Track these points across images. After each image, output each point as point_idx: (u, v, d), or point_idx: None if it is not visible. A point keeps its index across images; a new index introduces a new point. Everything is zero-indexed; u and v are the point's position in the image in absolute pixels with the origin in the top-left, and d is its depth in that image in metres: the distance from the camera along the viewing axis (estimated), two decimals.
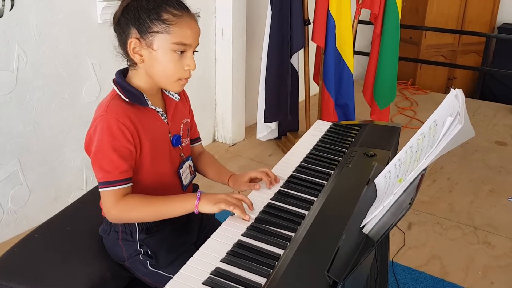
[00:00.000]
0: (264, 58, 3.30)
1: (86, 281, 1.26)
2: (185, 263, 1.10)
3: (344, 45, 3.20)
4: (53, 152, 2.54)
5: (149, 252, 1.33)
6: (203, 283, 0.97)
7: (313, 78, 3.54)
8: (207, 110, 3.59)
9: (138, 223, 1.32)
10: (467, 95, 4.96)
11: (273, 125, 3.56)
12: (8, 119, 2.29)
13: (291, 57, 3.26)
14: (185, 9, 1.25)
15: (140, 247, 1.33)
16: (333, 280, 0.94)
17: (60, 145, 2.56)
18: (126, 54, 1.28)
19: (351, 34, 3.20)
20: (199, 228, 1.47)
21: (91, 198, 1.66)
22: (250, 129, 3.83)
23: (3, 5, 2.14)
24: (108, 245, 1.39)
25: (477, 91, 5.10)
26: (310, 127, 3.43)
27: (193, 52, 1.27)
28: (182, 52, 1.24)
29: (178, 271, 1.25)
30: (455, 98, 1.14)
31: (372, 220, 1.09)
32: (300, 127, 3.63)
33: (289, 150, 3.38)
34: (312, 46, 3.36)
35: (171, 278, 1.27)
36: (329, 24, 3.14)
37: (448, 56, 5.39)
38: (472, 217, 2.78)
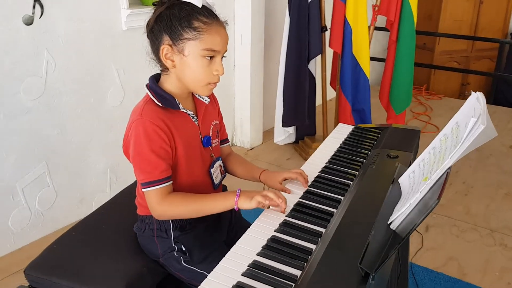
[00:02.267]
0: (282, 64, 3.36)
1: (124, 276, 1.32)
2: (218, 260, 1.17)
3: (361, 51, 3.25)
4: (78, 155, 2.62)
5: (183, 249, 1.39)
6: (242, 275, 1.03)
7: (330, 84, 3.59)
8: (226, 114, 3.62)
9: (172, 221, 1.39)
10: None
11: (291, 130, 3.62)
12: (37, 123, 2.38)
13: (308, 63, 3.32)
14: (214, 17, 1.31)
15: (174, 244, 1.39)
16: (365, 272, 1.00)
17: (85, 149, 2.64)
18: (158, 59, 1.34)
19: (367, 40, 3.26)
20: (228, 226, 1.53)
21: (122, 199, 1.73)
22: (268, 134, 3.89)
23: (33, 13, 2.23)
24: (143, 242, 1.45)
25: (491, 96, 5.13)
26: (327, 131, 3.52)
27: (222, 57, 1.34)
28: (211, 57, 1.30)
29: (211, 267, 1.32)
30: (477, 100, 1.19)
31: (399, 216, 1.14)
32: (317, 131, 3.68)
33: (306, 154, 3.48)
34: (329, 52, 3.42)
35: (204, 274, 1.35)
36: (346, 31, 3.20)
37: (462, 62, 5.43)
38: (488, 220, 2.82)
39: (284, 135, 3.63)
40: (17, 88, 2.25)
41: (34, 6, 2.22)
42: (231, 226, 1.55)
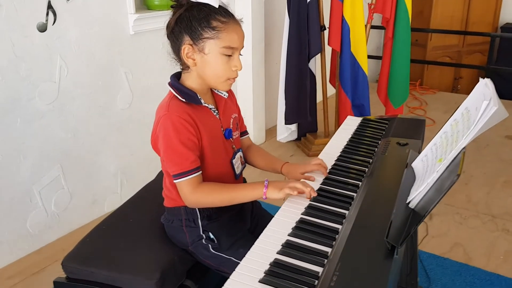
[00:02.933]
0: (283, 63, 3.45)
1: (157, 264, 1.39)
2: (244, 246, 1.24)
3: (358, 48, 3.36)
4: (91, 157, 2.69)
5: (211, 237, 1.46)
6: (277, 253, 1.11)
7: (329, 81, 3.69)
8: None
9: (200, 211, 1.46)
10: None
11: (293, 127, 3.71)
12: (51, 127, 2.44)
13: (309, 62, 3.41)
14: (231, 16, 1.38)
15: (202, 233, 1.47)
16: (391, 245, 1.08)
17: (97, 151, 2.71)
18: (179, 59, 1.42)
19: (364, 38, 3.36)
20: (250, 215, 1.62)
21: (145, 194, 1.81)
22: (270, 132, 3.98)
23: (47, 20, 2.31)
24: (171, 232, 1.53)
25: None
26: (328, 128, 3.61)
27: (239, 54, 1.42)
28: (230, 55, 1.38)
29: (238, 253, 1.41)
30: (485, 86, 1.28)
31: (417, 196, 1.23)
32: (319, 128, 3.77)
33: (309, 150, 3.56)
34: (328, 51, 3.51)
35: (232, 260, 1.44)
36: (344, 29, 3.30)
37: (454, 56, 5.55)
38: (489, 207, 2.92)
39: (286, 132, 3.72)
40: (32, 93, 2.32)
41: (47, 14, 2.30)
42: (253, 215, 1.63)
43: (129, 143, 2.89)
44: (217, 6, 1.34)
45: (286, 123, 3.60)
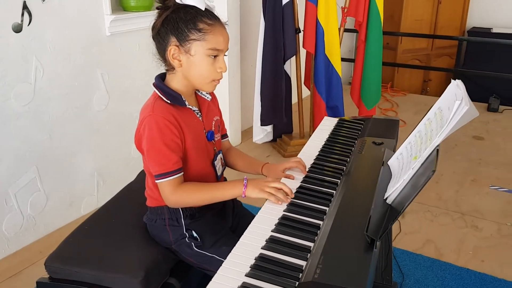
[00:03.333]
0: (258, 65, 3.49)
1: (142, 263, 1.41)
2: (226, 244, 1.26)
3: (332, 51, 3.43)
4: (67, 159, 2.68)
5: (194, 235, 1.49)
6: (262, 248, 1.15)
7: (304, 83, 3.75)
8: None
9: (182, 210, 1.49)
10: (441, 95, 5.25)
11: (269, 128, 3.76)
12: (27, 128, 2.43)
13: (284, 64, 3.46)
14: (217, 18, 1.42)
15: (186, 231, 1.49)
16: (371, 239, 1.13)
17: (73, 153, 2.70)
18: (164, 60, 1.44)
19: (338, 40, 3.43)
20: (232, 214, 1.65)
21: (127, 195, 1.82)
22: (246, 133, 4.02)
23: (22, 21, 2.29)
24: (154, 231, 1.55)
25: None
26: (303, 129, 3.67)
27: (224, 55, 1.45)
28: (215, 56, 1.41)
29: (220, 251, 1.44)
30: (457, 87, 1.35)
31: (394, 192, 1.29)
32: (294, 129, 3.83)
33: (285, 151, 3.61)
34: (302, 53, 3.57)
35: (214, 257, 1.47)
36: (318, 32, 3.36)
37: (423, 59, 5.70)
38: (458, 204, 3.02)
39: (262, 133, 3.77)
40: (8, 94, 2.30)
41: (22, 14, 2.28)
42: (234, 213, 1.66)
43: (105, 145, 2.89)
44: (203, 9, 1.37)
45: (262, 125, 3.64)
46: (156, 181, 1.41)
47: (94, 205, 2.86)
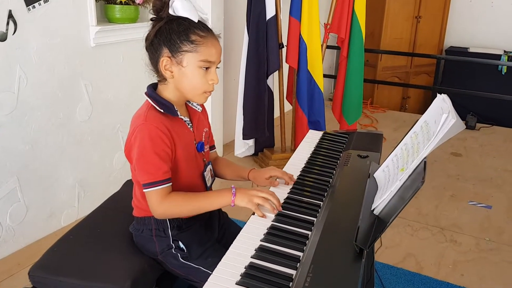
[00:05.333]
0: (241, 80, 3.52)
1: (128, 273, 1.40)
2: (213, 256, 1.25)
3: (315, 66, 3.47)
4: (48, 170, 2.64)
5: (181, 246, 1.48)
6: (251, 257, 1.16)
7: (286, 98, 3.78)
8: None
9: (170, 221, 1.48)
10: (420, 112, 5.36)
11: (251, 142, 3.78)
12: (9, 138, 2.39)
13: (267, 78, 3.49)
14: (209, 30, 1.44)
15: (172, 242, 1.49)
16: (359, 248, 1.15)
17: (55, 164, 2.67)
18: (157, 70, 1.45)
19: (320, 56, 3.48)
20: (218, 225, 1.65)
21: (111, 205, 1.81)
22: (227, 147, 4.03)
23: (7, 30, 2.27)
24: (140, 242, 1.54)
25: None
26: (285, 143, 3.69)
27: (216, 68, 1.47)
28: (207, 68, 1.42)
29: (207, 262, 1.44)
30: (443, 101, 1.38)
31: (381, 203, 1.31)
32: (276, 143, 3.85)
33: (266, 165, 3.62)
34: (285, 68, 3.61)
35: (200, 269, 1.47)
36: (301, 47, 3.41)
37: (402, 77, 5.81)
38: (438, 219, 3.07)
39: (244, 147, 3.78)
40: None
41: (7, 23, 2.27)
42: (220, 224, 1.66)
43: (87, 156, 2.86)
44: (196, 21, 1.39)
45: (244, 138, 3.65)
46: (144, 190, 1.40)
47: (74, 217, 2.82)
